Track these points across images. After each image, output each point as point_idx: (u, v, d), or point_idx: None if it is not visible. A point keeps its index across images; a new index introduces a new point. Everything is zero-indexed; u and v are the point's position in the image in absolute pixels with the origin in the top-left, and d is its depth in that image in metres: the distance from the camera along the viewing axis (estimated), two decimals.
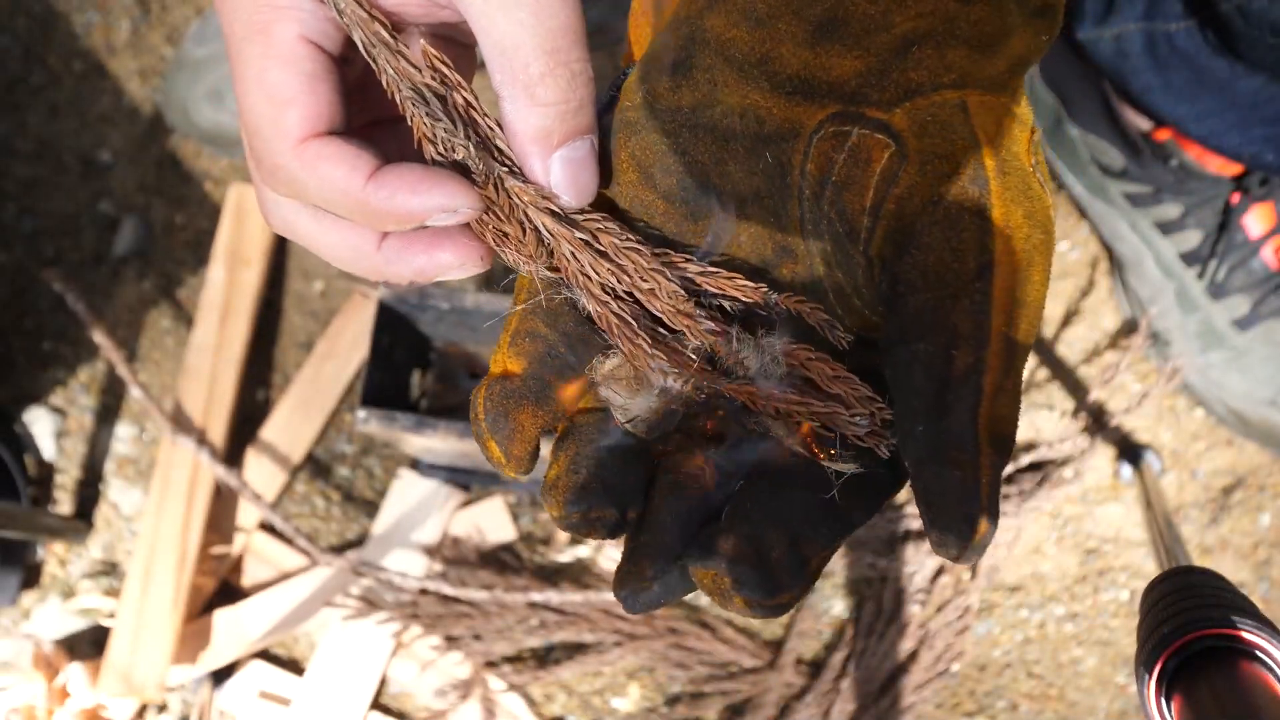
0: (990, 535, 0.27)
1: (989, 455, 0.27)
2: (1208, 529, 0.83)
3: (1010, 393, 0.28)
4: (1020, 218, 0.29)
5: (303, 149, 0.30)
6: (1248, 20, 0.58)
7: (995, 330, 0.28)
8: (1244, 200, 0.76)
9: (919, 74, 0.31)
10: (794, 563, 0.30)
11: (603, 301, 0.32)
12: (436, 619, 0.79)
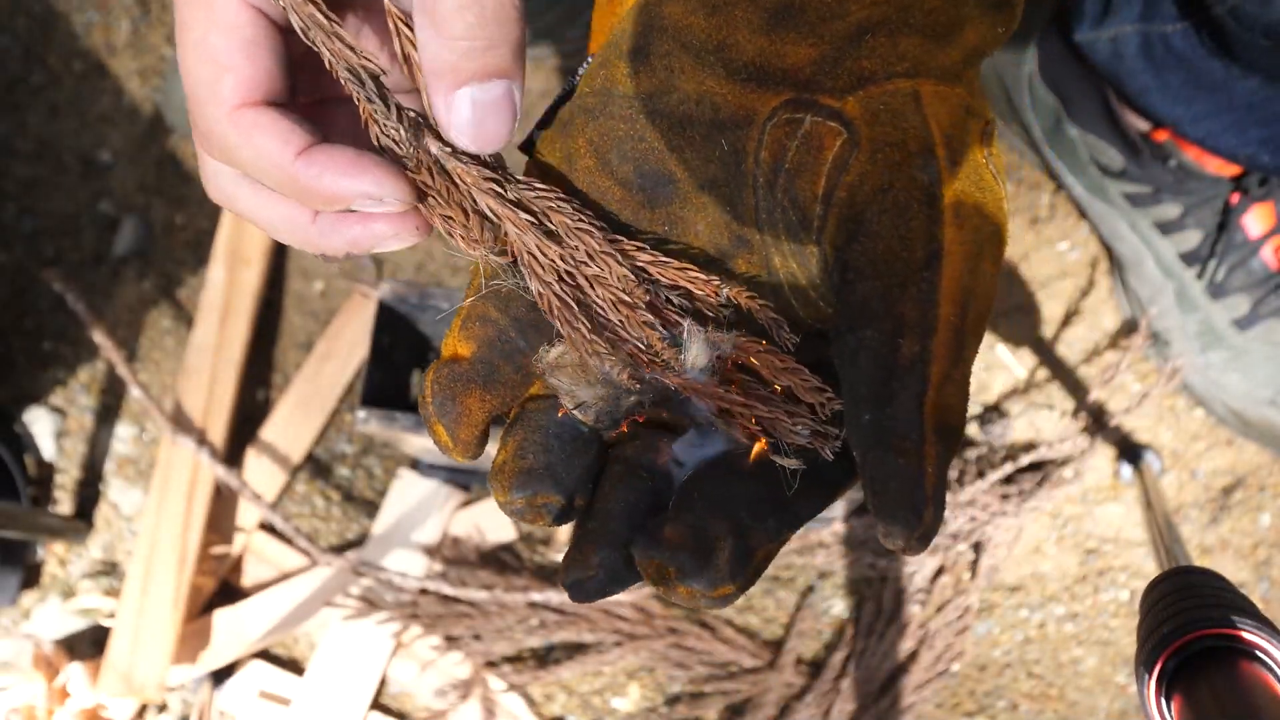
0: (935, 524, 0.26)
1: (934, 444, 0.27)
2: (1208, 529, 0.83)
3: (958, 382, 0.28)
4: (971, 208, 0.29)
5: (237, 115, 0.30)
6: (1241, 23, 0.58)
7: (943, 319, 0.28)
8: (1243, 200, 0.76)
9: (872, 62, 0.30)
10: (739, 553, 0.29)
11: (546, 283, 0.31)
12: (436, 619, 0.79)
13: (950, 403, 0.27)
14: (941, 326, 0.28)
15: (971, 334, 0.28)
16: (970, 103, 0.30)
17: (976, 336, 0.29)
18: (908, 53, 0.30)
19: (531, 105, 0.91)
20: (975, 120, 0.30)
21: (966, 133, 0.30)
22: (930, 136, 0.29)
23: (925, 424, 0.27)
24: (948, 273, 0.28)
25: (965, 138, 0.30)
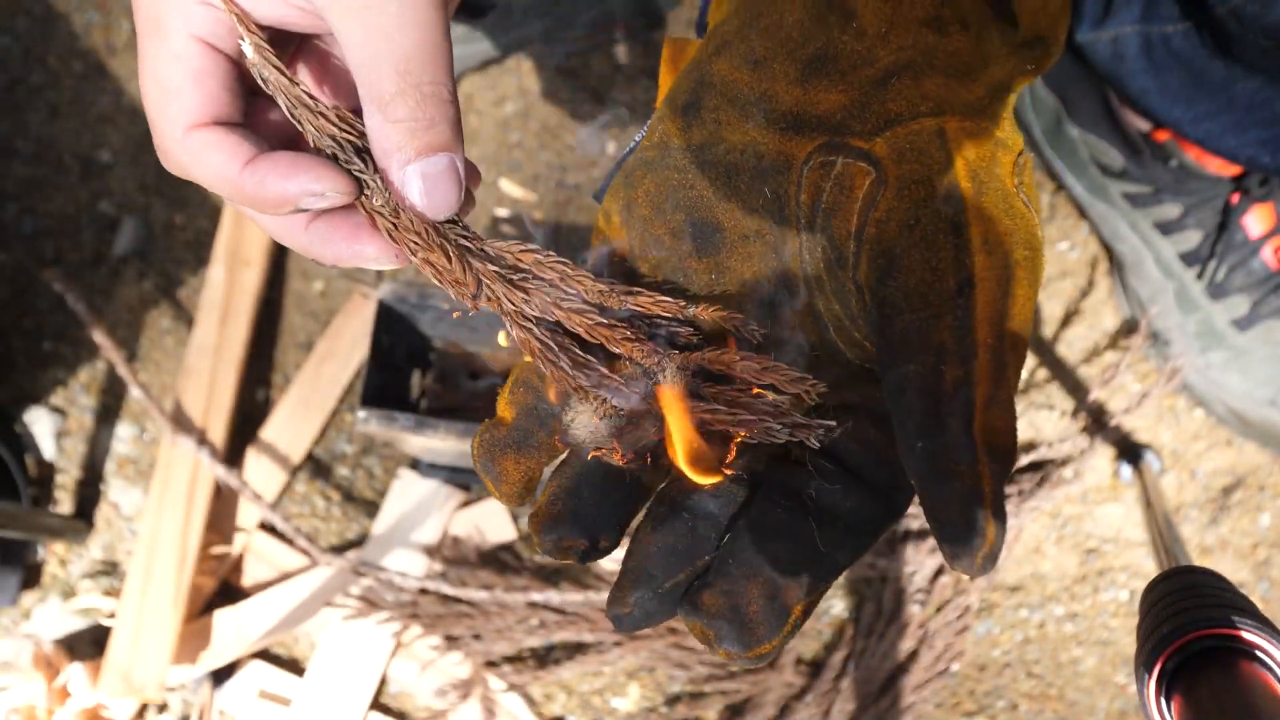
0: (1000, 541, 0.27)
1: (988, 464, 0.27)
2: (1207, 529, 0.83)
3: (1003, 403, 0.28)
4: (999, 234, 0.30)
5: (187, 136, 0.32)
6: (1242, 24, 0.58)
7: (981, 343, 0.29)
8: (1244, 200, 0.76)
9: (898, 104, 0.32)
10: (771, 615, 0.31)
11: (525, 328, 0.34)
12: (436, 619, 0.79)
13: (998, 424, 0.28)
14: (981, 350, 0.28)
15: (1011, 355, 0.29)
16: (1000, 135, 0.32)
17: (1018, 357, 0.29)
18: (931, 92, 0.32)
19: (531, 106, 0.91)
20: (1005, 151, 0.31)
21: (995, 164, 0.31)
22: (954, 170, 0.31)
23: (977, 446, 0.28)
24: (981, 299, 0.29)
25: (993, 168, 0.31)
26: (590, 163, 0.90)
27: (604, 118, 0.91)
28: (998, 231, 0.30)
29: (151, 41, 0.32)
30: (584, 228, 0.89)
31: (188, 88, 0.32)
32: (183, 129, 0.32)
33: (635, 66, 0.91)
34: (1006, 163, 0.31)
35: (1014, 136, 0.32)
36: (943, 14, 0.33)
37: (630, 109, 0.91)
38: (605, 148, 0.91)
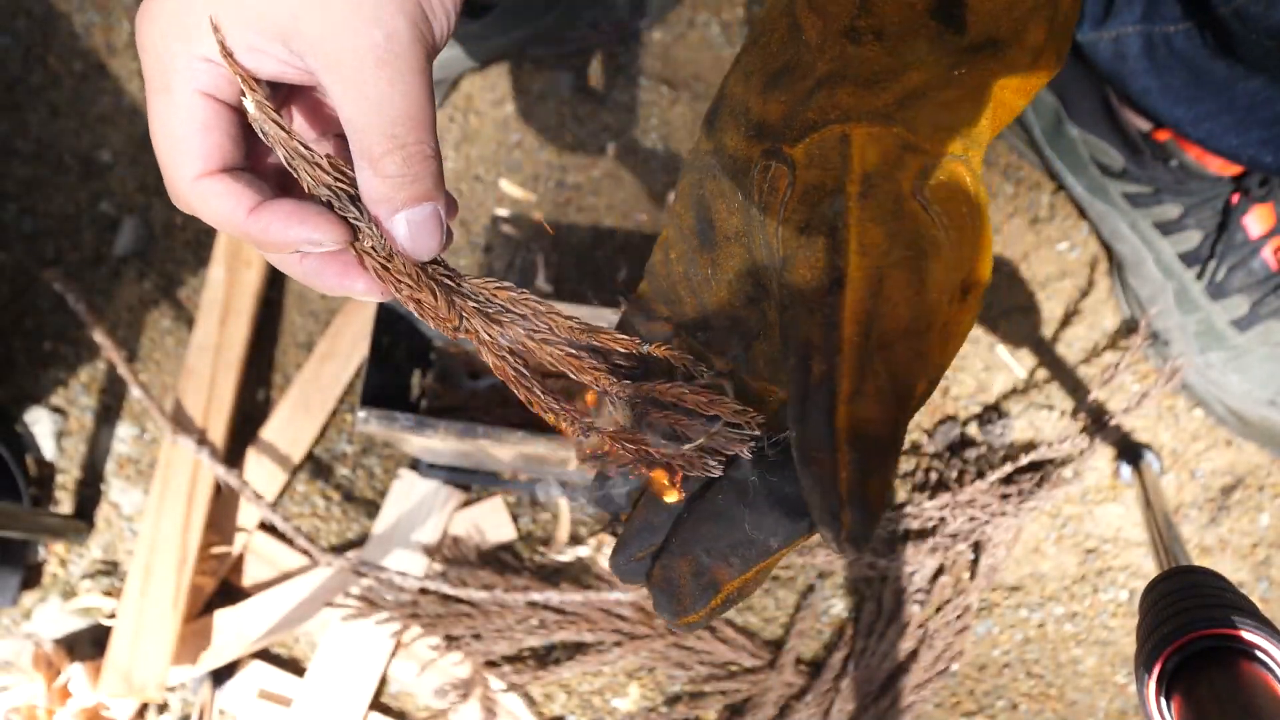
0: (861, 527, 0.29)
1: (847, 454, 0.29)
2: (1207, 529, 0.83)
3: (873, 396, 0.30)
4: (879, 236, 0.32)
5: (196, 184, 0.36)
6: (1245, 24, 0.58)
7: (847, 340, 0.30)
8: (1244, 200, 0.76)
9: (814, 112, 0.34)
10: (697, 590, 0.36)
11: (500, 357, 0.37)
12: (436, 619, 0.79)
13: (866, 415, 0.30)
14: (845, 347, 0.30)
15: (882, 352, 0.30)
16: (910, 140, 0.33)
17: (896, 354, 0.31)
18: (842, 101, 0.34)
19: (531, 106, 0.91)
20: (914, 155, 0.33)
21: (897, 168, 0.32)
22: (847, 174, 0.33)
23: (837, 436, 0.29)
24: (849, 298, 0.31)
25: (892, 173, 0.32)
26: (590, 162, 0.90)
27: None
28: (878, 233, 0.31)
29: (160, 96, 0.35)
30: (584, 228, 0.89)
31: (196, 139, 0.35)
32: (192, 177, 0.36)
33: (635, 66, 0.91)
34: (912, 166, 0.33)
35: (933, 142, 0.33)
36: (858, 24, 0.34)
37: (630, 109, 0.91)
38: (606, 148, 0.91)
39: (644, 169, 0.90)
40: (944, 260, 0.32)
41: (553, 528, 0.85)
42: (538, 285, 0.88)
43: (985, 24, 0.34)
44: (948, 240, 0.32)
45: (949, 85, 0.34)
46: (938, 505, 0.79)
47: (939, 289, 0.32)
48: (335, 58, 0.34)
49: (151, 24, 0.35)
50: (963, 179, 0.33)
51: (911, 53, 0.34)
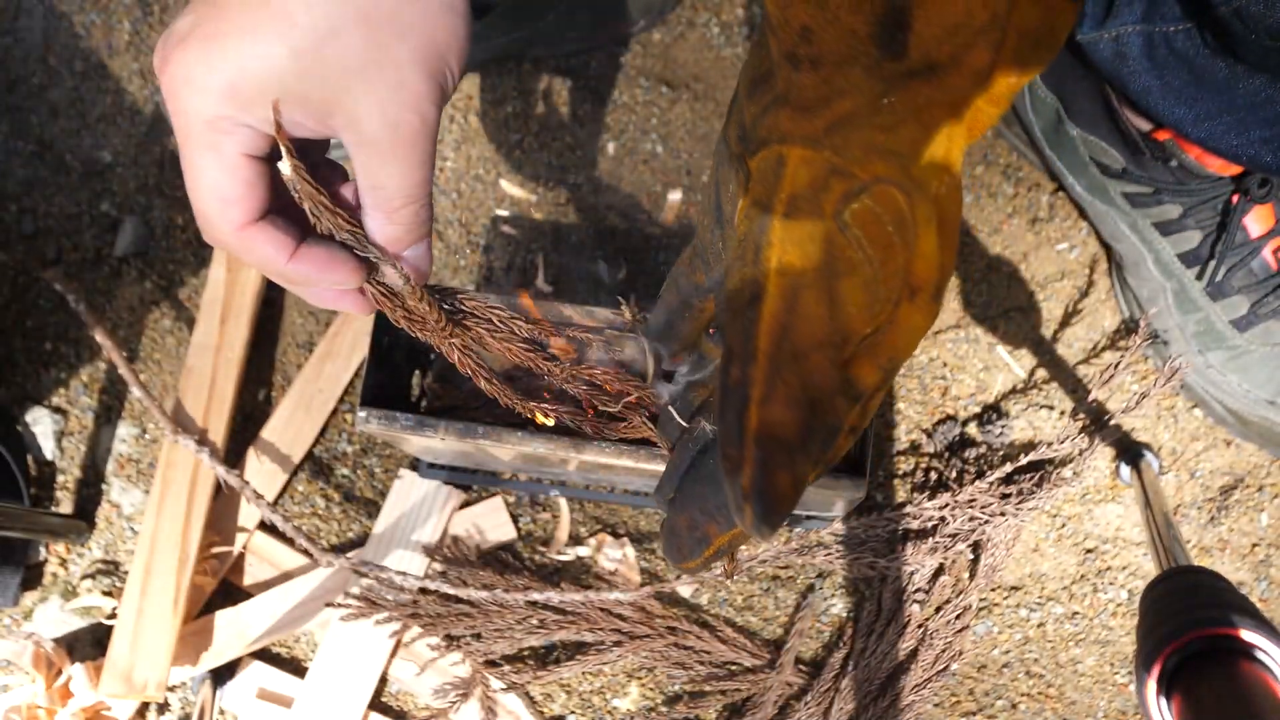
0: (763, 520, 0.32)
1: (753, 451, 0.32)
2: (1207, 529, 0.83)
3: (781, 400, 0.33)
4: (796, 257, 0.35)
5: (241, 234, 0.41)
6: (1246, 24, 0.58)
7: (761, 350, 0.34)
8: (1244, 201, 0.76)
9: (764, 130, 0.37)
10: (693, 542, 0.41)
11: (464, 354, 0.48)
12: (436, 619, 0.79)
13: (774, 418, 0.33)
14: (759, 355, 0.34)
15: (793, 361, 0.34)
16: (839, 164, 0.35)
17: (805, 361, 0.34)
18: (782, 124, 0.37)
19: (531, 106, 0.91)
20: (840, 179, 0.35)
21: (822, 191, 0.35)
22: (776, 195, 0.36)
23: (746, 435, 0.33)
24: (765, 311, 0.34)
25: (816, 196, 0.35)
26: (590, 162, 0.91)
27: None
28: (794, 253, 0.35)
29: (207, 155, 0.40)
30: (584, 228, 0.89)
31: (241, 194, 0.41)
32: (237, 227, 0.41)
33: (635, 66, 0.91)
34: (836, 190, 0.35)
35: (863, 164, 0.36)
36: (798, 51, 0.36)
37: (630, 109, 0.91)
38: (606, 148, 0.91)
39: (644, 169, 0.90)
40: (860, 279, 0.35)
41: (553, 528, 0.85)
42: (538, 285, 0.88)
43: (925, 49, 0.35)
44: (866, 259, 0.35)
45: (880, 112, 0.36)
46: (938, 505, 0.79)
47: (856, 305, 0.35)
48: (373, 136, 0.40)
49: (200, 94, 0.39)
50: (891, 200, 0.35)
51: (845, 80, 0.36)
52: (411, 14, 0.40)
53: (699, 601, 0.84)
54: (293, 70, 0.39)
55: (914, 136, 0.36)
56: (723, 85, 0.90)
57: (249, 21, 0.38)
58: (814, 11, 0.36)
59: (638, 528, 0.85)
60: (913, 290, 0.36)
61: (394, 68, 0.40)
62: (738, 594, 0.84)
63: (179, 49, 0.39)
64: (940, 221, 0.36)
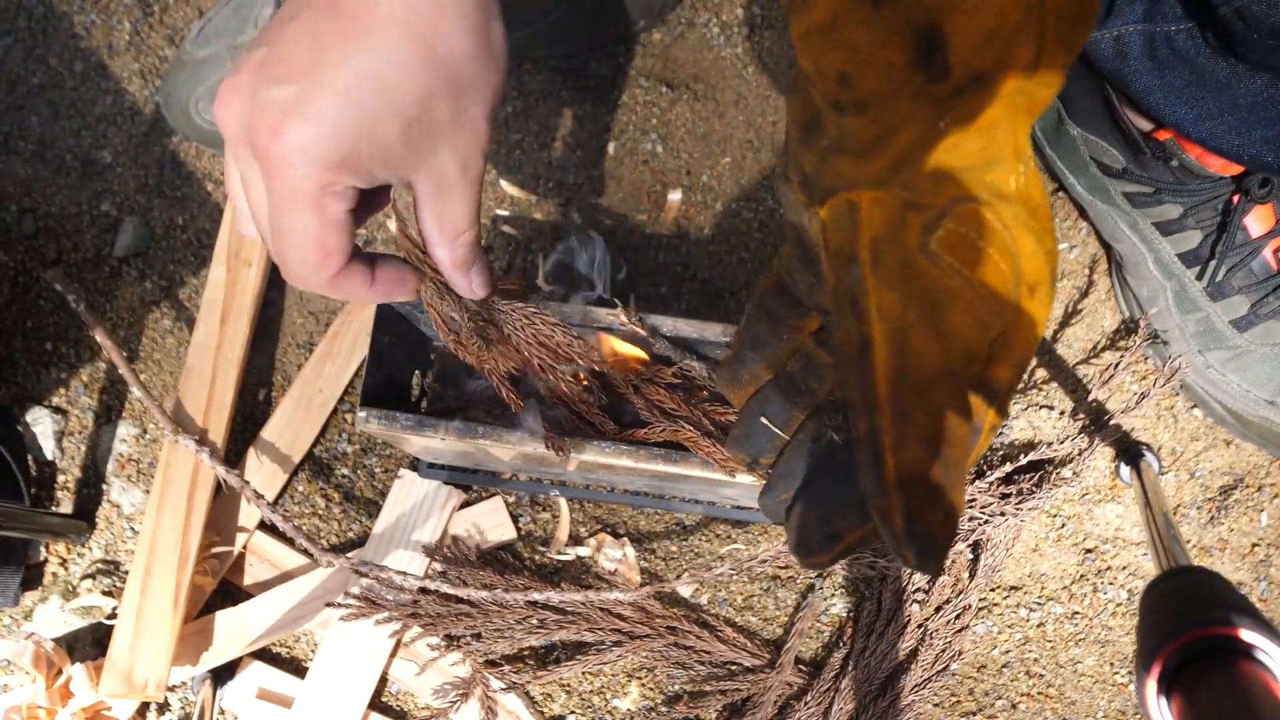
0: (920, 560, 0.33)
1: (897, 498, 0.33)
2: (1206, 529, 0.83)
3: (915, 441, 0.34)
4: (893, 301, 0.35)
5: (335, 279, 0.47)
6: (1248, 24, 0.58)
7: (882, 397, 0.34)
8: (1244, 201, 0.76)
9: (827, 179, 0.37)
10: (823, 536, 0.41)
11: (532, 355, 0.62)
12: (436, 619, 0.79)
13: (911, 459, 0.34)
14: (882, 403, 0.34)
15: (918, 397, 0.34)
16: (911, 198, 0.35)
17: (930, 394, 0.35)
18: (844, 171, 0.37)
19: (531, 106, 0.91)
20: (916, 213, 0.35)
21: (901, 229, 0.36)
22: (858, 242, 0.36)
23: (887, 483, 0.33)
24: (878, 359, 0.35)
25: (897, 235, 0.36)
26: (590, 162, 0.91)
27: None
28: (891, 298, 0.35)
29: (312, 216, 0.44)
30: (584, 228, 0.89)
31: (340, 246, 0.46)
32: (333, 274, 0.46)
33: (635, 66, 0.91)
34: (914, 225, 0.35)
35: (933, 194, 0.35)
36: (841, 99, 0.36)
37: (630, 109, 0.91)
38: (606, 148, 0.91)
39: (644, 169, 0.90)
40: (963, 303, 0.35)
41: (553, 528, 0.85)
42: (537, 285, 0.88)
43: (967, 62, 0.35)
44: (965, 283, 0.35)
45: (938, 136, 0.35)
46: None
47: (968, 327, 0.35)
48: (450, 181, 0.46)
49: (318, 165, 0.42)
50: (974, 216, 0.35)
51: (895, 115, 0.35)
52: (485, 72, 0.44)
53: (699, 601, 0.84)
54: (400, 136, 0.43)
55: (978, 146, 0.36)
56: (722, 85, 0.90)
57: (357, 97, 0.41)
58: (846, 56, 0.35)
59: (638, 528, 0.85)
60: (1031, 288, 0.36)
61: (470, 123, 0.45)
62: (738, 594, 0.84)
63: (288, 119, 0.41)
64: (1030, 213, 0.36)
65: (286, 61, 0.42)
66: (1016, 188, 0.36)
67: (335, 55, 0.41)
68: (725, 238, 0.89)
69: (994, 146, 0.36)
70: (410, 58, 0.41)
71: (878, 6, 0.34)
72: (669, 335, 0.70)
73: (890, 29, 0.34)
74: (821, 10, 0.35)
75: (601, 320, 0.70)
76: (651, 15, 0.89)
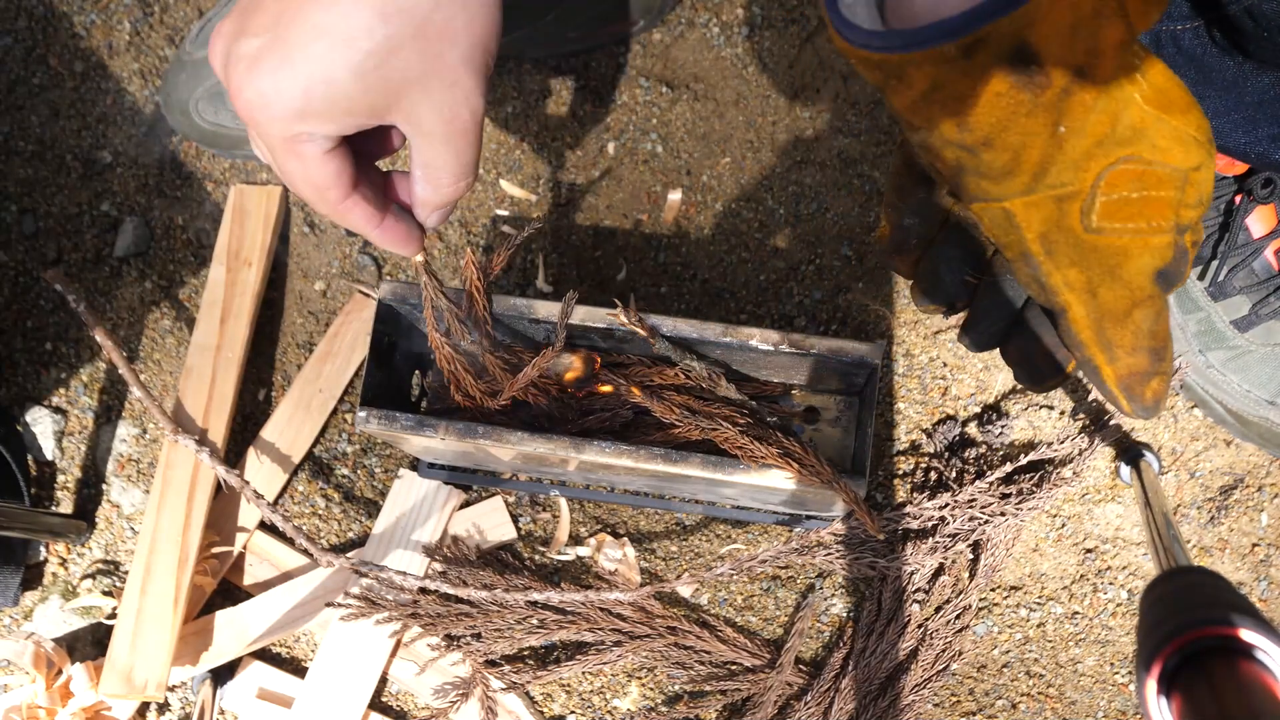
0: (1148, 417, 0.44)
1: (1119, 391, 0.43)
2: (1206, 529, 0.83)
3: (1126, 354, 0.42)
4: (1075, 275, 0.41)
5: (342, 206, 0.50)
6: (1258, 21, 0.58)
7: (1086, 341, 0.42)
8: (1247, 201, 0.76)
9: (970, 190, 0.41)
10: (1052, 364, 0.46)
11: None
12: (436, 619, 0.79)
13: (1123, 366, 0.42)
14: (1088, 343, 0.43)
15: (1117, 325, 0.42)
16: (1060, 191, 0.39)
17: (1128, 319, 0.41)
18: (986, 190, 0.40)
19: (531, 106, 0.91)
20: (1070, 200, 0.39)
21: (1061, 218, 0.40)
22: (1027, 242, 0.40)
23: (1108, 386, 0.43)
24: (1075, 317, 0.42)
25: (1060, 223, 0.40)
26: (590, 162, 0.91)
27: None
28: (1072, 274, 0.41)
29: (290, 161, 0.47)
30: (584, 228, 0.89)
31: (330, 183, 0.48)
32: (335, 205, 0.50)
33: (635, 66, 0.91)
34: (1072, 211, 0.39)
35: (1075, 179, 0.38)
36: (966, 141, 0.38)
37: (630, 109, 0.91)
38: (606, 148, 0.91)
39: (644, 169, 0.90)
40: (1137, 248, 0.40)
41: (553, 528, 0.85)
42: (538, 285, 0.88)
43: (1062, 62, 0.36)
44: (1134, 231, 0.40)
45: (1063, 140, 0.38)
46: (938, 505, 0.79)
47: (1148, 261, 0.40)
48: (429, 129, 0.47)
49: (276, 117, 0.45)
50: (1123, 179, 0.39)
51: (1019, 137, 0.38)
52: (460, 21, 0.44)
53: (699, 601, 0.84)
54: (357, 87, 0.44)
55: (1103, 118, 0.38)
56: (723, 85, 0.90)
57: (315, 50, 0.43)
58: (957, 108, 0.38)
59: (638, 528, 0.85)
60: (1195, 168, 0.40)
61: (447, 72, 0.45)
62: (738, 594, 0.84)
63: (251, 74, 0.44)
64: (1164, 108, 0.39)
65: (259, 13, 0.44)
66: (1143, 98, 0.38)
67: (296, 10, 0.43)
68: (725, 238, 0.89)
69: (1113, 104, 0.38)
70: (368, 10, 0.42)
71: (969, 55, 0.36)
72: (669, 335, 0.70)
73: (986, 67, 0.36)
74: (922, 81, 0.37)
75: (602, 320, 0.70)
76: (651, 15, 0.89)
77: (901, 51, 0.37)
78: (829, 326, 0.87)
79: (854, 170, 0.88)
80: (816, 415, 0.79)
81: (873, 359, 0.69)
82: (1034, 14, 0.35)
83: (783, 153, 0.89)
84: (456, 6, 0.44)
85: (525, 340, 0.75)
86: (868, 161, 0.88)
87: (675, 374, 0.71)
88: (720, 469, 0.67)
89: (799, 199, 0.88)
